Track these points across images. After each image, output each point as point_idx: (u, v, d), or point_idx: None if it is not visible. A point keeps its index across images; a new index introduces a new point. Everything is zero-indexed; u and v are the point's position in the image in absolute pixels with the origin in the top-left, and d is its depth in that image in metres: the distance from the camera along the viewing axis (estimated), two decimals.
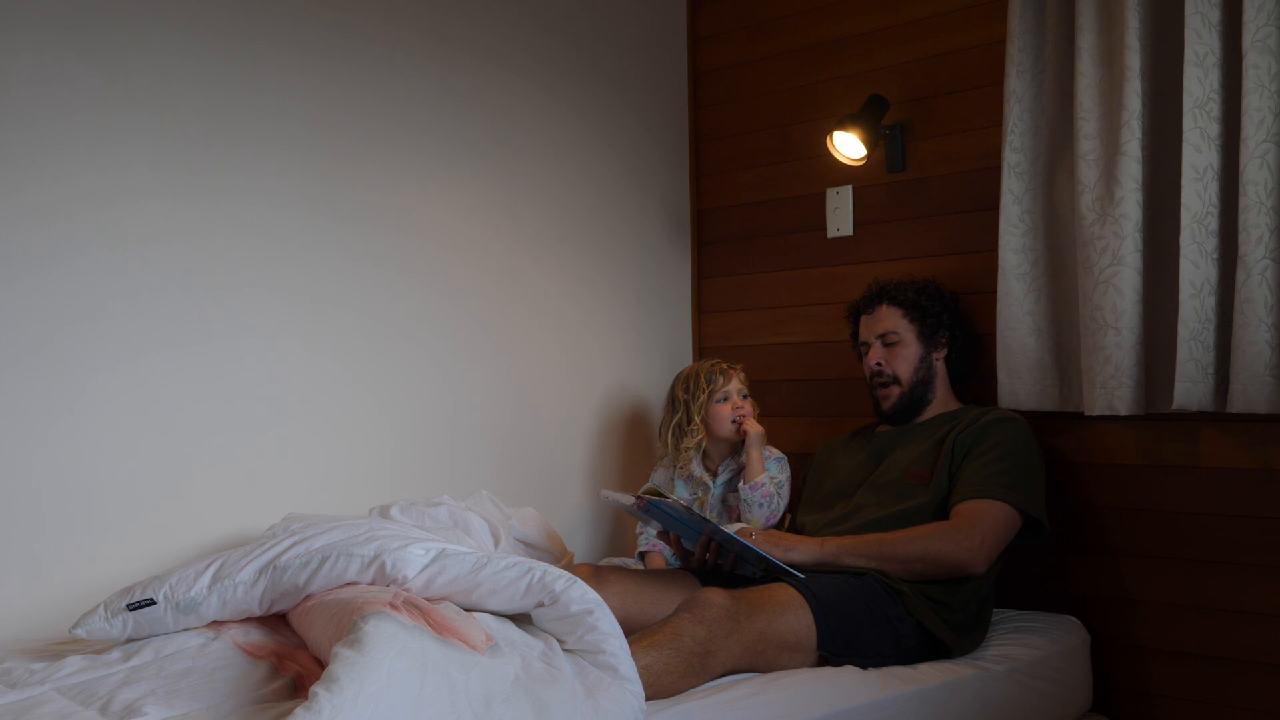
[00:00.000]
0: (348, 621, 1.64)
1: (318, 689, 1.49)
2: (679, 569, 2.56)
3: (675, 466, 2.92)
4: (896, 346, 2.66)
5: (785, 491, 2.80)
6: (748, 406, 2.86)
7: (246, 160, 2.53)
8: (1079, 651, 2.49)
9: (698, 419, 2.86)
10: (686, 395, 2.88)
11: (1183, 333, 2.35)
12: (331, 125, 2.66)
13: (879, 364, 2.66)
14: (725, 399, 2.84)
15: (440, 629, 1.66)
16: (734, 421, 2.83)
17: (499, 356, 2.99)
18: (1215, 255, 2.36)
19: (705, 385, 2.85)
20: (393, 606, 1.68)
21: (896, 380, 2.65)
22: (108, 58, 2.33)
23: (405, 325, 2.80)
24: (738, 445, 2.85)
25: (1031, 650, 2.38)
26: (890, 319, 2.67)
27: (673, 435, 2.90)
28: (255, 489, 2.54)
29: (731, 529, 2.40)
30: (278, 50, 2.57)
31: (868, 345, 2.71)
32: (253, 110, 2.53)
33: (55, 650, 2.02)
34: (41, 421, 2.26)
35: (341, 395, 2.69)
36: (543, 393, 3.09)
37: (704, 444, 2.90)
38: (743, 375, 2.91)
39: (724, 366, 2.89)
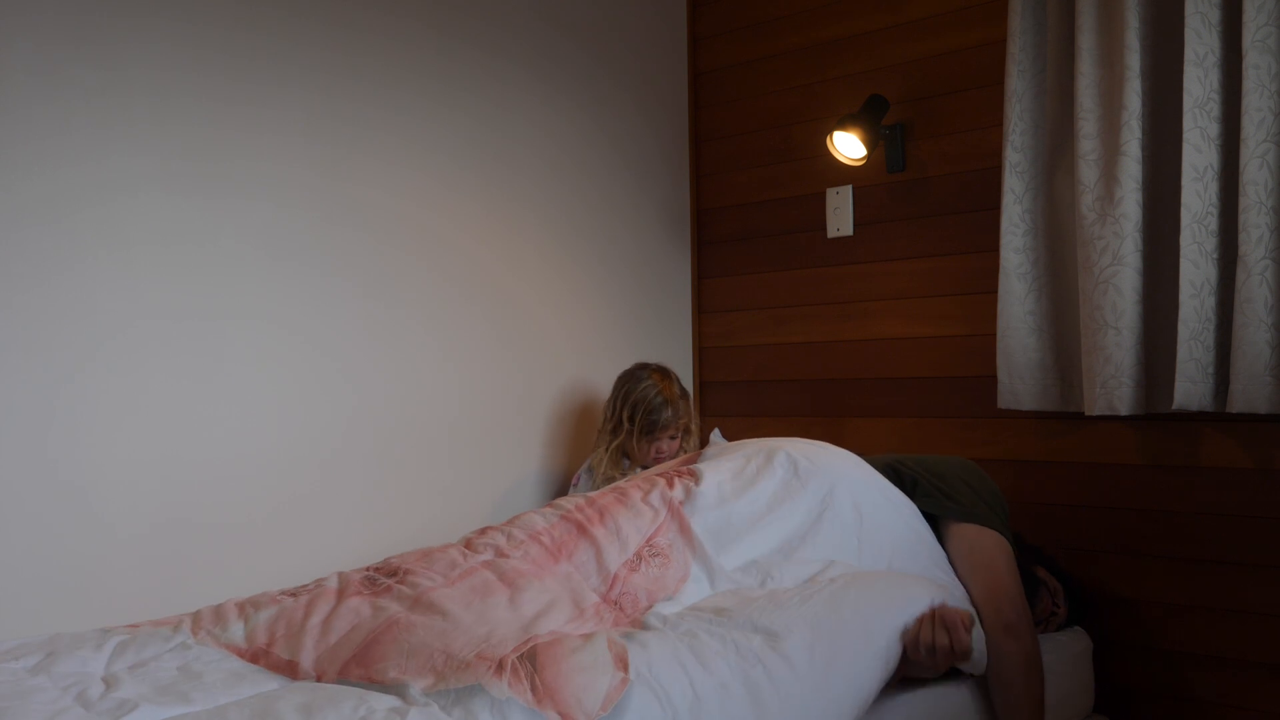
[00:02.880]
0: (455, 660, 1.63)
1: None
2: None
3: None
4: None
5: None
6: (673, 447, 2.87)
7: (245, 151, 2.52)
8: (1082, 657, 2.49)
9: (637, 457, 2.88)
10: (630, 425, 2.86)
11: (1183, 333, 2.35)
12: (330, 119, 2.65)
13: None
14: (653, 441, 2.86)
15: (543, 696, 1.57)
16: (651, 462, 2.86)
17: (501, 355, 2.99)
18: (1215, 255, 2.36)
19: (643, 432, 2.84)
20: (499, 668, 1.60)
21: None
22: (105, 48, 2.32)
23: (406, 324, 2.80)
24: None
25: None
26: None
27: (610, 456, 2.88)
28: (254, 487, 2.54)
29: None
30: (276, 42, 2.56)
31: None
32: (252, 101, 2.52)
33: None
34: (39, 422, 2.26)
35: (339, 395, 2.69)
36: (544, 391, 3.09)
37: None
38: (680, 406, 2.86)
39: (664, 397, 2.84)
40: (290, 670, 1.78)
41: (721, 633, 1.81)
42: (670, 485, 2.25)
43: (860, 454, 2.47)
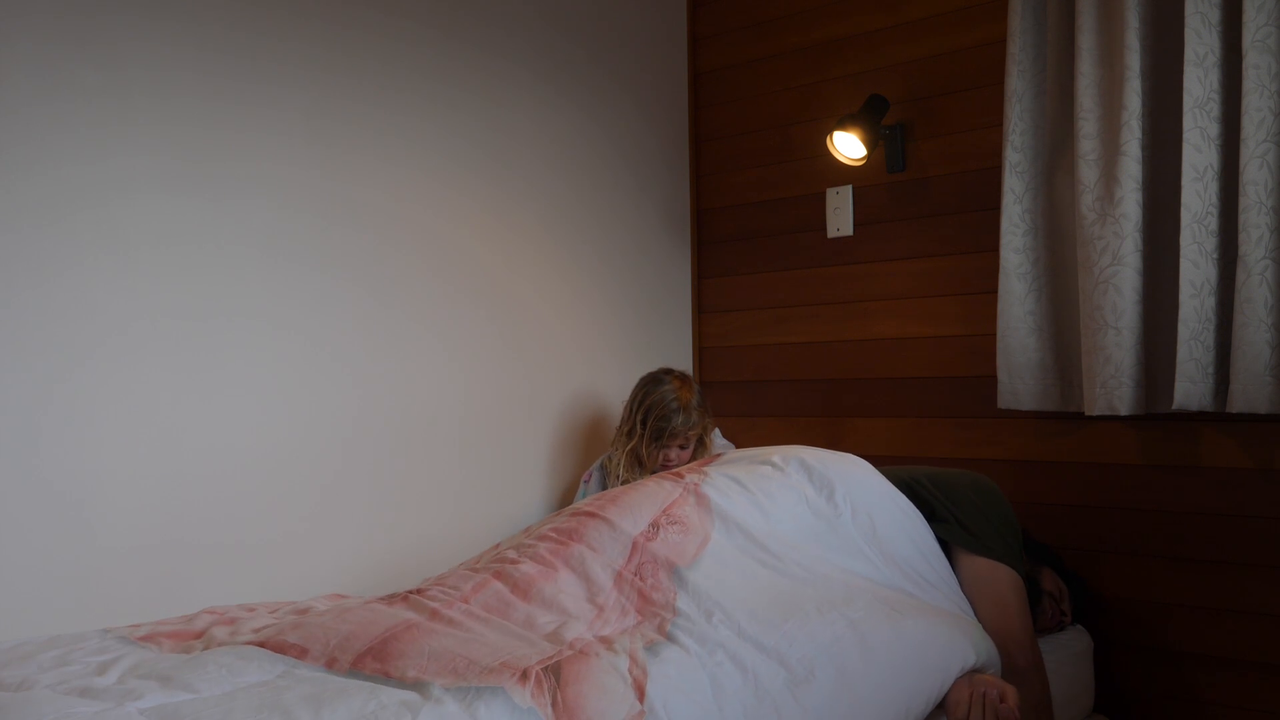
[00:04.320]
0: (478, 669, 1.62)
1: None
2: None
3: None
4: None
5: None
6: (683, 457, 2.84)
7: (245, 151, 2.51)
8: (1082, 656, 2.49)
9: (647, 463, 2.86)
10: (643, 429, 2.83)
11: (1183, 333, 2.35)
12: (330, 119, 2.65)
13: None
14: (664, 447, 2.83)
15: (562, 713, 1.57)
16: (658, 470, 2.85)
17: (503, 356, 2.99)
18: (1215, 255, 2.37)
19: (653, 437, 2.82)
20: (524, 677, 1.61)
21: None
22: (105, 48, 2.32)
23: (405, 324, 2.80)
24: None
25: None
26: None
27: (626, 460, 2.87)
28: (256, 491, 2.54)
29: None
30: (276, 41, 2.56)
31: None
32: (252, 101, 2.52)
33: None
34: (35, 424, 2.25)
35: (341, 397, 2.68)
36: (546, 391, 3.09)
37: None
38: (694, 414, 2.83)
39: (679, 403, 2.82)
40: (299, 654, 1.75)
41: (746, 659, 1.77)
42: (681, 476, 2.26)
43: (866, 458, 2.47)
